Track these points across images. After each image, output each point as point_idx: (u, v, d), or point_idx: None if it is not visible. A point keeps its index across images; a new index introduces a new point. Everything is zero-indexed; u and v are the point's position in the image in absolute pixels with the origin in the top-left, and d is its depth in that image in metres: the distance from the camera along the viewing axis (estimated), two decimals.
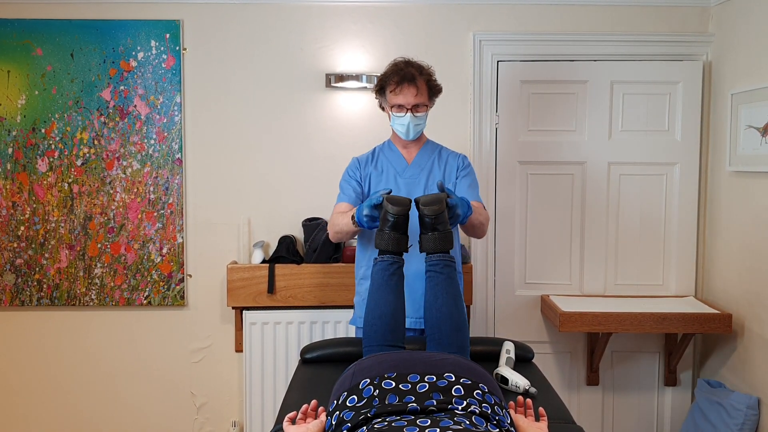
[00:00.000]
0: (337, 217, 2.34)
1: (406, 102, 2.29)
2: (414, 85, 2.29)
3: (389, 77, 2.32)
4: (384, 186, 2.38)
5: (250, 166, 3.13)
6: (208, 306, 3.18)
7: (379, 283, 2.00)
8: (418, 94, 2.30)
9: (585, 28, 3.08)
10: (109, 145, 3.08)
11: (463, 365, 1.56)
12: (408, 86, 2.28)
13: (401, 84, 2.28)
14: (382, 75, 2.36)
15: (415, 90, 2.29)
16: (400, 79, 2.29)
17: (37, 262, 3.11)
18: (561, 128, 3.12)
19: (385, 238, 2.01)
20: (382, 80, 2.35)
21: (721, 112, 2.99)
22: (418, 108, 2.31)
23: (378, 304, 1.96)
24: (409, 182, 2.38)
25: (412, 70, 2.30)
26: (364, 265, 2.42)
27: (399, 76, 2.29)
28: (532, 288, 3.19)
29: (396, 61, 2.37)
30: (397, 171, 2.40)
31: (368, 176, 2.42)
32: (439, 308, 1.94)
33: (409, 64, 2.33)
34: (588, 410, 3.22)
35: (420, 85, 2.30)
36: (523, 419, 1.55)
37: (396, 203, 1.99)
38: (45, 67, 3.04)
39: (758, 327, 2.73)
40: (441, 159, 2.42)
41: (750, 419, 2.68)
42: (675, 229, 3.13)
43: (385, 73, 2.35)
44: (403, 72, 2.29)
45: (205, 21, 3.07)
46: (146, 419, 3.22)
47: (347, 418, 1.41)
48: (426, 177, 2.38)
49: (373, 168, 2.42)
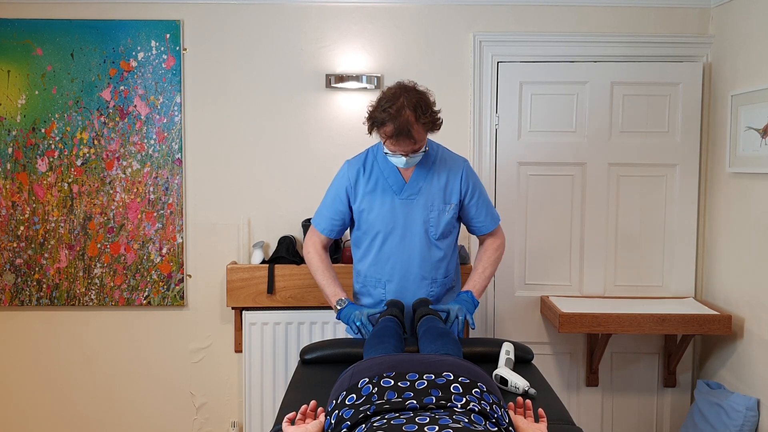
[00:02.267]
0: (313, 258, 2.35)
1: (402, 152, 2.11)
2: (410, 138, 2.06)
3: (382, 124, 2.06)
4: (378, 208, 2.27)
5: (250, 167, 3.13)
6: (207, 306, 3.17)
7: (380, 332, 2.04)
8: (416, 143, 2.09)
9: (585, 29, 3.08)
10: (109, 145, 3.08)
11: (461, 365, 1.56)
12: (405, 139, 2.06)
13: (396, 138, 2.06)
14: (373, 115, 2.08)
15: (412, 142, 2.07)
16: (395, 132, 2.05)
17: (37, 262, 3.11)
18: (561, 129, 3.12)
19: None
20: (373, 122, 2.09)
21: (721, 113, 2.99)
22: (415, 151, 2.13)
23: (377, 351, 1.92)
24: (407, 203, 2.27)
25: (406, 120, 2.02)
26: (359, 281, 2.41)
27: (394, 126, 2.03)
28: (531, 289, 3.19)
29: (390, 94, 2.07)
30: (394, 191, 2.26)
31: (361, 196, 2.28)
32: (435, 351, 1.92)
33: (403, 107, 2.03)
34: (587, 411, 3.22)
35: (417, 134, 2.07)
36: (522, 420, 1.55)
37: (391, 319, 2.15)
38: (45, 67, 3.05)
39: (758, 328, 2.73)
40: (441, 171, 2.27)
41: (749, 420, 2.67)
42: (675, 230, 3.13)
43: (377, 116, 2.07)
44: (398, 123, 2.02)
45: (205, 21, 3.07)
46: (145, 419, 3.22)
47: (346, 417, 1.41)
48: (425, 198, 2.26)
49: (365, 182, 2.27)
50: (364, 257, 2.36)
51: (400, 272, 2.30)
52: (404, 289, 2.31)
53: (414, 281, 2.31)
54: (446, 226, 2.30)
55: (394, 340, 1.98)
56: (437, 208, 2.28)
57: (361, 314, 2.21)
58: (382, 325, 2.09)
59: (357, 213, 2.32)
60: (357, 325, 2.19)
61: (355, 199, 2.30)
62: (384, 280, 2.32)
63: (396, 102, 2.05)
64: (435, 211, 2.28)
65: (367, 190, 2.28)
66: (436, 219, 2.28)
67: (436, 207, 2.27)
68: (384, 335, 2.00)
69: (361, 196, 2.29)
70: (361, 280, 2.39)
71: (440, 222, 2.28)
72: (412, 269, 2.30)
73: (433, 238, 2.29)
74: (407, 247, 2.28)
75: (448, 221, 2.30)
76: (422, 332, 2.05)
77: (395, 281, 2.31)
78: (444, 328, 2.04)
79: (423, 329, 2.06)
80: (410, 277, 2.30)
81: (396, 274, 2.31)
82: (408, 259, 2.29)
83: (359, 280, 2.40)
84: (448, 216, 2.29)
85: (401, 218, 2.27)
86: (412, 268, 2.30)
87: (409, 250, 2.29)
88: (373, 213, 2.28)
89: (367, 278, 2.36)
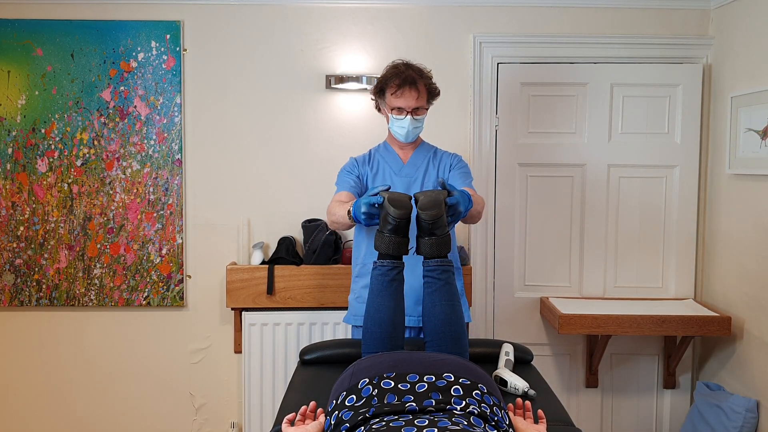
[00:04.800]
0: (335, 206, 2.30)
1: (407, 105, 2.29)
2: (415, 88, 2.29)
3: (390, 80, 2.31)
4: (381, 183, 2.39)
5: (250, 167, 3.13)
6: (207, 307, 3.17)
7: (378, 288, 1.97)
8: (419, 98, 2.30)
9: (585, 30, 3.09)
10: (108, 146, 3.08)
11: (462, 366, 1.56)
12: (409, 89, 2.28)
13: (402, 87, 2.28)
14: (382, 77, 2.35)
15: (417, 93, 2.29)
16: (401, 83, 2.28)
17: (37, 263, 3.11)
18: (561, 130, 3.12)
19: (386, 242, 1.96)
20: (381, 82, 2.34)
21: (720, 114, 2.99)
22: (418, 111, 2.32)
23: (377, 309, 1.95)
24: (406, 180, 2.40)
25: (412, 74, 2.30)
26: (359, 263, 2.43)
27: (400, 79, 2.29)
28: (531, 290, 3.19)
29: (395, 63, 2.36)
30: (393, 170, 2.42)
31: (365, 175, 2.43)
32: (437, 315, 1.93)
33: (409, 66, 2.32)
34: (587, 412, 3.22)
35: (421, 88, 2.30)
36: (522, 421, 1.55)
37: (398, 206, 1.92)
38: (45, 68, 3.05)
39: (757, 330, 2.73)
40: (435, 158, 2.44)
41: (749, 422, 2.67)
42: (674, 232, 3.13)
43: (385, 75, 2.34)
44: (404, 75, 2.29)
45: (206, 22, 3.07)
46: (145, 420, 3.22)
47: (346, 418, 1.41)
48: (422, 175, 2.41)
49: (369, 168, 2.44)
50: (364, 237, 2.39)
51: None
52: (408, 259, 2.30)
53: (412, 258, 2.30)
54: None
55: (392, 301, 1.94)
56: (433, 185, 2.38)
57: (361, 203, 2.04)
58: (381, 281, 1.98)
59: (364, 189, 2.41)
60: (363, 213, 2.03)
61: (361, 178, 2.43)
62: None
63: (399, 65, 2.34)
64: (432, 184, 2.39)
65: (370, 171, 2.43)
66: None
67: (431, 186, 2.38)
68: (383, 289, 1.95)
69: (365, 176, 2.43)
70: (360, 261, 2.41)
71: None
72: None
73: None
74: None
75: None
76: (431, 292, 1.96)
77: None
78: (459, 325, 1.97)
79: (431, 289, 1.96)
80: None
81: None
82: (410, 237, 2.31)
83: (358, 262, 2.43)
84: None
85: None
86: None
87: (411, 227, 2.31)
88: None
89: (366, 257, 2.38)
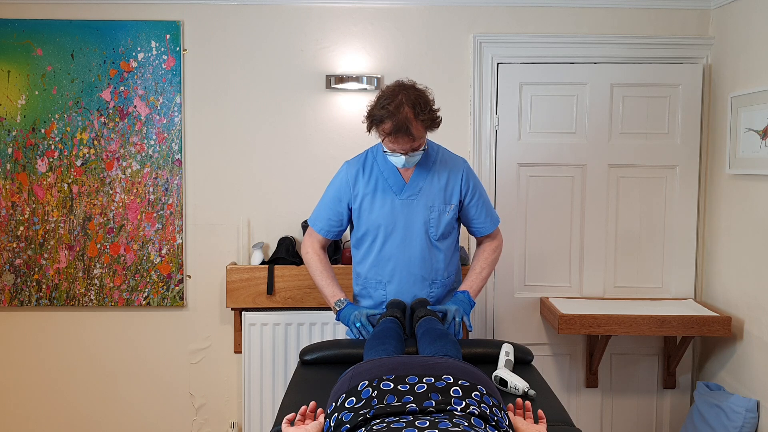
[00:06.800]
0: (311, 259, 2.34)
1: (401, 149, 2.11)
2: (409, 135, 2.05)
3: (381, 121, 2.05)
4: (379, 209, 2.26)
5: (250, 167, 3.13)
6: (207, 307, 3.17)
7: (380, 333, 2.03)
8: (415, 140, 2.08)
9: (585, 30, 3.09)
10: (108, 146, 3.08)
11: (461, 368, 1.56)
12: (402, 136, 2.06)
13: (395, 134, 2.06)
14: (372, 113, 2.08)
15: (411, 139, 2.07)
16: (393, 129, 2.04)
17: (37, 263, 3.11)
18: (561, 130, 3.12)
19: None
20: (372, 119, 2.08)
21: (720, 115, 2.99)
22: (414, 149, 2.13)
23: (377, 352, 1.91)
24: (407, 204, 2.26)
25: (405, 116, 2.02)
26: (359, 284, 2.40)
27: (392, 123, 2.03)
28: (531, 290, 3.19)
29: (389, 92, 2.07)
30: (394, 191, 2.26)
31: (361, 197, 2.27)
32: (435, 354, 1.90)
33: (402, 104, 2.03)
34: (587, 413, 3.22)
35: (416, 132, 2.06)
36: (522, 421, 1.55)
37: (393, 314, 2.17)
38: (45, 68, 3.04)
39: (757, 330, 2.73)
40: (441, 175, 2.27)
41: (749, 422, 2.67)
42: (674, 232, 3.13)
43: (376, 114, 2.06)
44: (396, 119, 2.02)
45: (205, 22, 3.07)
46: (145, 420, 3.22)
47: (346, 420, 1.41)
48: (425, 199, 2.26)
49: (365, 183, 2.27)
50: (364, 259, 2.35)
51: (401, 273, 2.30)
52: (405, 291, 2.30)
53: (415, 282, 2.30)
54: (446, 227, 2.30)
55: (395, 341, 1.97)
56: (438, 208, 2.27)
57: (361, 314, 2.21)
58: (383, 326, 2.08)
59: (356, 214, 2.31)
60: (357, 326, 2.19)
61: (354, 200, 2.30)
62: (384, 282, 2.32)
63: (395, 99, 2.05)
64: (435, 212, 2.27)
65: (366, 191, 2.28)
66: (437, 219, 2.28)
67: (436, 207, 2.27)
68: (384, 336, 2.00)
69: (360, 197, 2.29)
70: (361, 282, 2.38)
71: (441, 222, 2.28)
72: (412, 270, 2.30)
73: (433, 238, 2.29)
74: (408, 248, 2.28)
75: (449, 222, 2.30)
76: (421, 333, 2.05)
77: (396, 282, 2.31)
78: (443, 330, 2.04)
79: (422, 330, 2.06)
80: (411, 279, 2.30)
81: (396, 275, 2.30)
82: (408, 260, 2.29)
83: (359, 282, 2.40)
84: (448, 217, 2.29)
85: (401, 219, 2.27)
86: (413, 269, 2.30)
87: (409, 251, 2.28)
88: (373, 214, 2.28)
89: (368, 280, 2.35)
